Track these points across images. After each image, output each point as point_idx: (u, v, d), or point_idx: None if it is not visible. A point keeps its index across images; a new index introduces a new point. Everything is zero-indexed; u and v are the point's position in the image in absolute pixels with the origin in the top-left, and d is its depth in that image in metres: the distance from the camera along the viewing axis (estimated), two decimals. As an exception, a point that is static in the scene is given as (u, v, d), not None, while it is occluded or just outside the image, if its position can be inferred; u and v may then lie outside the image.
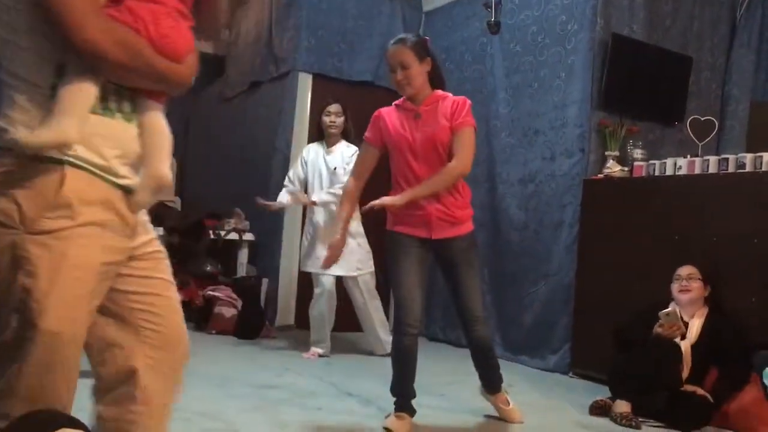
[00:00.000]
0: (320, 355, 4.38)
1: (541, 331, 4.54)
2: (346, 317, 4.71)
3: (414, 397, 2.93)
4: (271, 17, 5.90)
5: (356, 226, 4.40)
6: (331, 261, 2.99)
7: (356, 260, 4.43)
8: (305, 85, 5.51)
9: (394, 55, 2.84)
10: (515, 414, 3.11)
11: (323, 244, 4.21)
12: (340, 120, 4.50)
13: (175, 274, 4.78)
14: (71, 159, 1.29)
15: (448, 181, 2.82)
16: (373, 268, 4.53)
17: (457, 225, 2.91)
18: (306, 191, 4.58)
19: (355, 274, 4.44)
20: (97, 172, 1.33)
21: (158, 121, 1.45)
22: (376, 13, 5.78)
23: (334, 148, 4.52)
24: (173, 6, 1.38)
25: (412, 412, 2.90)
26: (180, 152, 7.58)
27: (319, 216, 4.50)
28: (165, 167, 1.44)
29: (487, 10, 5.16)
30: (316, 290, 4.45)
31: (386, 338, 4.43)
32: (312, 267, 4.46)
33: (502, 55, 5.04)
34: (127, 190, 1.38)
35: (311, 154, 4.58)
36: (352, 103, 4.71)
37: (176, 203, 6.88)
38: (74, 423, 1.02)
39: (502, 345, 4.79)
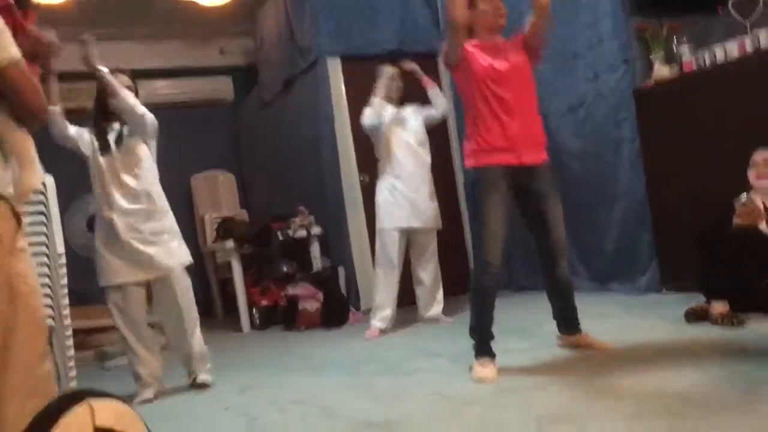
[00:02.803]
0: (381, 331, 4.31)
1: (624, 254, 4.38)
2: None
3: (493, 338, 2.88)
4: (287, 11, 5.91)
5: (430, 176, 4.46)
6: None
7: (437, 212, 4.45)
8: (335, 69, 5.49)
9: None
10: (604, 344, 3.01)
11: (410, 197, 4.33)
12: (401, 84, 4.51)
13: (257, 281, 4.91)
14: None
15: None
16: None
17: (541, 149, 2.97)
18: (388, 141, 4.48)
19: (439, 226, 4.46)
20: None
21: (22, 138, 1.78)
22: (389, -19, 5.69)
23: (401, 109, 4.50)
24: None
25: (492, 355, 2.86)
26: (235, 167, 7.75)
27: (407, 167, 4.41)
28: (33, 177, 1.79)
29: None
30: (399, 248, 4.38)
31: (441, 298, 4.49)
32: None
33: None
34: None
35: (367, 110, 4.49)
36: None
37: (243, 215, 7.04)
38: (97, 394, 1.03)
39: (589, 276, 4.67)
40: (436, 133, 4.72)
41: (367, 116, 4.41)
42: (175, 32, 7.36)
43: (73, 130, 3.48)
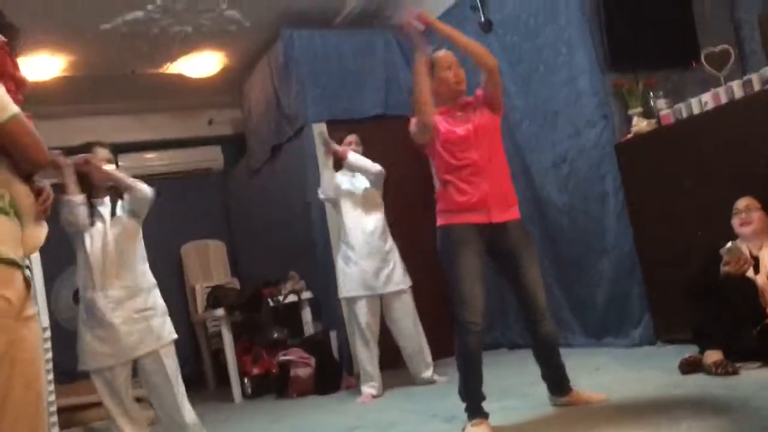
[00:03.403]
0: (373, 396, 4.26)
1: (616, 307, 4.36)
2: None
3: (484, 399, 2.83)
4: (273, 81, 6.03)
5: (391, 243, 4.49)
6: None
7: (402, 274, 4.43)
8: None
9: (447, 56, 3.03)
10: (596, 396, 2.97)
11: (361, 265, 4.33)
12: (360, 149, 4.57)
13: (248, 349, 4.86)
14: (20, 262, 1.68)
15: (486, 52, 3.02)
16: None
17: (512, 207, 2.96)
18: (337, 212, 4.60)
19: (406, 287, 4.42)
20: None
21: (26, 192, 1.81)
22: (372, 48, 5.85)
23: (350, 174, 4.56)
24: None
25: (485, 415, 2.80)
26: (226, 236, 7.75)
27: (355, 235, 4.45)
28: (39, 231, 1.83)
29: (475, 12, 5.17)
30: (363, 318, 4.36)
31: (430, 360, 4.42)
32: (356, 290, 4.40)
33: (502, 50, 4.98)
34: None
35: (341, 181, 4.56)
36: (369, 138, 4.74)
37: (234, 284, 7.00)
38: None
39: (583, 332, 4.63)
40: (420, 178, 4.77)
41: (320, 192, 4.57)
42: (164, 105, 7.49)
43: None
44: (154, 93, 7.08)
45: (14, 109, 1.70)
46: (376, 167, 4.49)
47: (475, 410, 2.80)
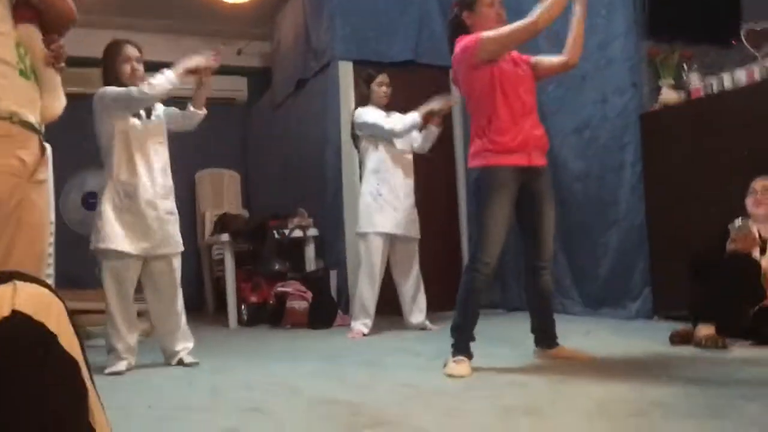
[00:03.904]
0: (364, 334, 4.28)
1: (618, 279, 4.32)
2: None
3: (473, 340, 2.83)
4: (305, 14, 5.95)
5: (413, 187, 4.46)
6: None
7: (418, 224, 4.45)
8: (347, 73, 5.49)
9: None
10: (581, 354, 2.96)
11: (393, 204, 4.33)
12: (389, 90, 4.50)
13: (248, 278, 4.89)
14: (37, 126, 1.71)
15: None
16: None
17: (545, 152, 2.99)
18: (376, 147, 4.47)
19: (418, 236, 4.46)
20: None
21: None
22: (408, -9, 5.73)
23: (390, 114, 4.46)
24: None
25: (469, 355, 2.81)
26: (242, 168, 7.76)
27: (394, 174, 4.42)
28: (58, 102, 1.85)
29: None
30: (377, 254, 4.36)
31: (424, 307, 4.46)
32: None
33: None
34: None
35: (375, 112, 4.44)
36: (396, 84, 4.66)
37: (244, 214, 7.03)
38: (28, 279, 0.99)
39: (581, 301, 4.61)
40: (441, 140, 4.70)
41: (402, 125, 4.32)
42: (196, 29, 7.42)
43: None
44: (187, 15, 7.01)
45: None
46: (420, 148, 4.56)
47: (462, 348, 2.81)
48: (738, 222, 3.08)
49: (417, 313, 4.44)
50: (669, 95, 4.02)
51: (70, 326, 0.96)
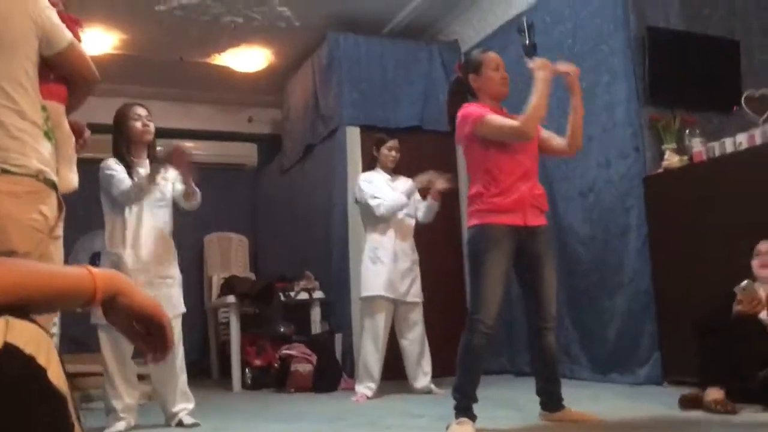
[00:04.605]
0: (368, 397, 4.23)
1: (626, 344, 4.26)
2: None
3: (475, 401, 2.79)
4: (315, 82, 6.11)
5: (416, 254, 4.49)
6: None
7: (420, 287, 4.42)
8: (354, 137, 5.60)
9: (496, 57, 3.11)
10: (589, 416, 2.91)
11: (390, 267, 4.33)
12: (398, 155, 4.58)
13: (253, 340, 4.86)
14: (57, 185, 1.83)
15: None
16: None
17: (543, 213, 3.00)
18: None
19: (422, 300, 4.44)
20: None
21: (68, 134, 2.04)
22: (415, 60, 5.90)
23: (395, 178, 4.53)
24: None
25: (473, 417, 2.76)
26: (250, 232, 7.81)
27: (390, 237, 4.44)
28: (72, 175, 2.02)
29: (521, 34, 5.17)
30: (380, 318, 4.35)
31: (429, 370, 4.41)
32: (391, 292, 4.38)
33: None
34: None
35: (376, 180, 4.51)
36: (401, 149, 4.74)
37: (251, 278, 7.03)
38: (19, 315, 0.99)
39: (590, 366, 4.54)
40: (445, 199, 4.74)
41: (385, 209, 4.39)
42: (208, 97, 7.64)
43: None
44: (199, 83, 7.22)
45: (70, 37, 1.90)
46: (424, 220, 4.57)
47: (464, 409, 2.76)
48: (744, 283, 3.05)
49: (422, 377, 4.39)
50: (672, 159, 4.06)
51: (58, 361, 0.96)
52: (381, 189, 4.43)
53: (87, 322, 3.91)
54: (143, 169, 3.47)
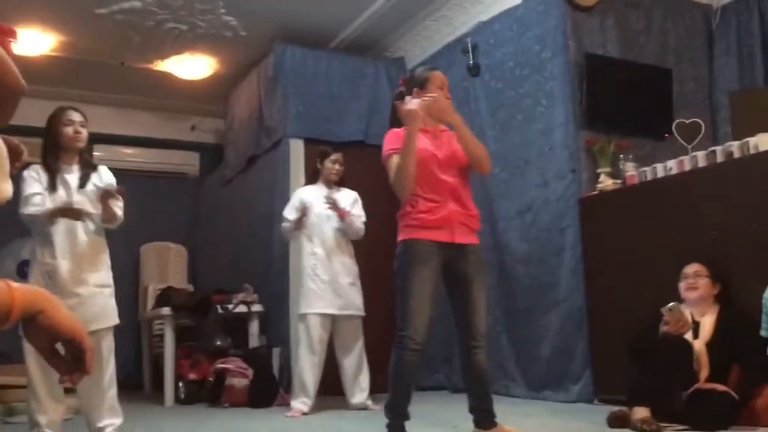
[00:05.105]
0: (303, 413, 4.20)
1: (560, 362, 4.35)
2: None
3: (408, 419, 2.79)
4: (260, 93, 6.07)
5: (357, 269, 4.49)
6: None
7: (361, 301, 4.43)
8: (298, 150, 5.58)
9: (440, 76, 3.05)
10: None
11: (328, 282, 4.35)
12: (341, 168, 4.58)
13: (188, 353, 4.77)
14: None
15: (483, 151, 3.04)
16: None
17: (473, 232, 2.98)
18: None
19: (362, 314, 4.42)
20: None
21: None
22: (361, 75, 5.92)
23: (336, 190, 4.54)
24: None
25: None
26: (189, 242, 7.67)
27: (329, 253, 4.45)
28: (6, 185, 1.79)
29: (465, 55, 5.27)
30: (316, 333, 4.33)
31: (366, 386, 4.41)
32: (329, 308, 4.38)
33: (485, 95, 5.09)
34: None
35: (310, 196, 4.52)
36: (345, 163, 4.74)
37: (188, 290, 6.89)
38: None
39: (525, 383, 4.60)
40: (383, 214, 4.75)
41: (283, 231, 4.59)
42: (149, 103, 7.50)
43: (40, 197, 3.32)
44: (141, 89, 7.09)
45: None
46: (361, 232, 4.54)
47: (395, 428, 2.76)
48: (671, 305, 3.15)
49: (358, 393, 4.38)
50: (606, 182, 4.19)
51: None
52: (294, 207, 4.53)
53: (10, 332, 3.77)
54: (71, 176, 3.37)
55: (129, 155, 7.61)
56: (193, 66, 6.60)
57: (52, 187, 3.32)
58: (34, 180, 3.30)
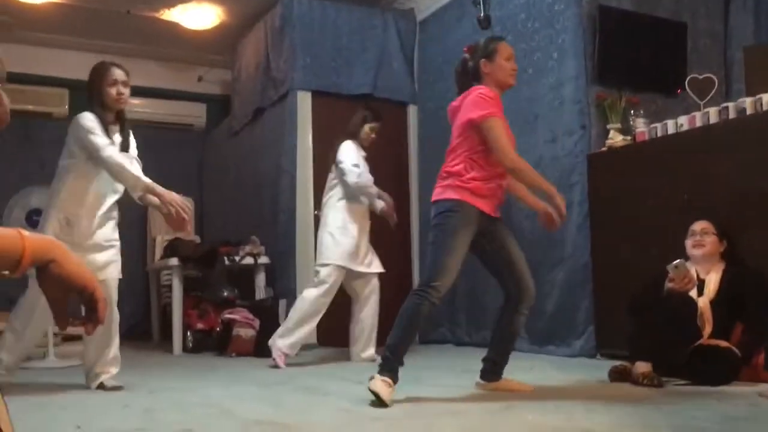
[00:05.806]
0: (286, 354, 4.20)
1: (563, 317, 4.38)
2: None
3: (402, 365, 2.81)
4: (267, 44, 6.00)
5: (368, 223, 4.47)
6: None
7: (376, 259, 4.45)
8: (305, 103, 5.54)
9: (509, 48, 3.06)
10: (524, 386, 3.00)
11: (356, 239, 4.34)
12: (375, 138, 4.56)
13: (195, 304, 4.79)
14: None
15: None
16: None
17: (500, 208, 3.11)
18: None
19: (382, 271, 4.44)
20: None
21: None
22: (369, 27, 5.83)
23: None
24: None
25: (396, 378, 2.76)
26: (197, 194, 7.67)
27: (359, 210, 4.44)
28: None
29: (476, 6, 5.18)
30: (329, 280, 4.31)
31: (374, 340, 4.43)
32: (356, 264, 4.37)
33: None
34: None
35: (360, 156, 4.45)
36: (351, 116, 4.69)
37: (196, 240, 6.93)
38: None
39: (528, 338, 4.63)
40: (397, 176, 4.74)
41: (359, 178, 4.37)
42: (156, 53, 7.41)
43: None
44: (147, 38, 7.00)
45: None
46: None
47: (390, 369, 2.76)
48: (676, 262, 3.14)
49: (368, 347, 4.41)
50: (616, 138, 4.15)
51: None
52: (361, 162, 4.41)
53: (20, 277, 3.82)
54: (114, 135, 3.38)
55: (135, 105, 7.52)
56: (199, 15, 6.50)
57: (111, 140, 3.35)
58: (97, 123, 3.30)
